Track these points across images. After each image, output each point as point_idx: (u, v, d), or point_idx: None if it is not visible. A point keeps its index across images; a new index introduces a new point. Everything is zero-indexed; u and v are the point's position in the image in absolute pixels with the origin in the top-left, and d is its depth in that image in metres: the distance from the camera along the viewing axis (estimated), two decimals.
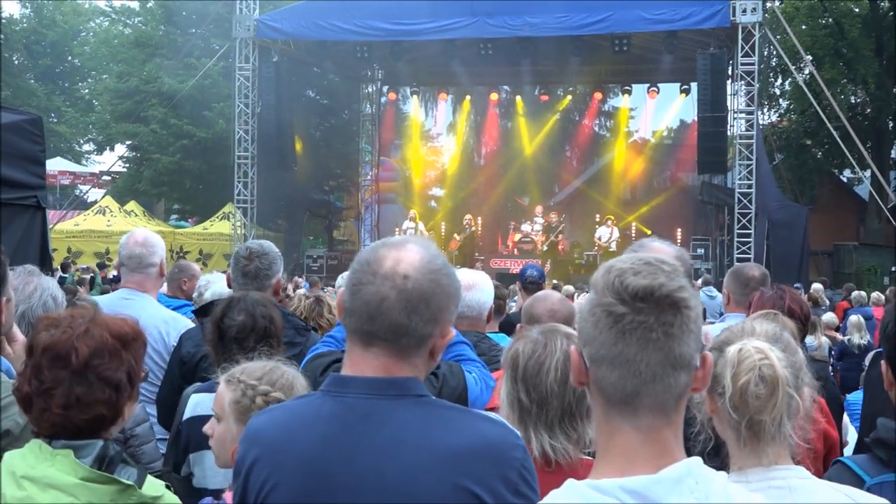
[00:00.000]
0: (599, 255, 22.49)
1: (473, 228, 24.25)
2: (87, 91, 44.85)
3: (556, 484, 1.51)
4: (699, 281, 16.18)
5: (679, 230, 24.36)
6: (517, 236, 23.92)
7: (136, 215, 26.09)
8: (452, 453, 1.66)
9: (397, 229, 25.59)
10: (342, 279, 7.19)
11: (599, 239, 22.86)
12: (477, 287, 3.71)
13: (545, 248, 22.71)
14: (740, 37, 19.48)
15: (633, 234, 24.20)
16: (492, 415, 1.86)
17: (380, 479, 1.67)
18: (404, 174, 30.45)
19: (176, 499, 2.16)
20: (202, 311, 4.01)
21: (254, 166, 22.21)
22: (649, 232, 24.47)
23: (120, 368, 2.10)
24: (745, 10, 19.32)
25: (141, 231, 4.76)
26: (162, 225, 27.68)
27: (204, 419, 3.02)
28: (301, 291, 5.21)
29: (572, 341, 2.32)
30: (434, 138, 33.57)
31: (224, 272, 5.08)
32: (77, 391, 2.05)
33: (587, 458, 2.31)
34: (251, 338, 3.20)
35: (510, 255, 23.59)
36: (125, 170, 30.59)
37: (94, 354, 2.07)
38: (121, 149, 33.45)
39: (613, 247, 22.54)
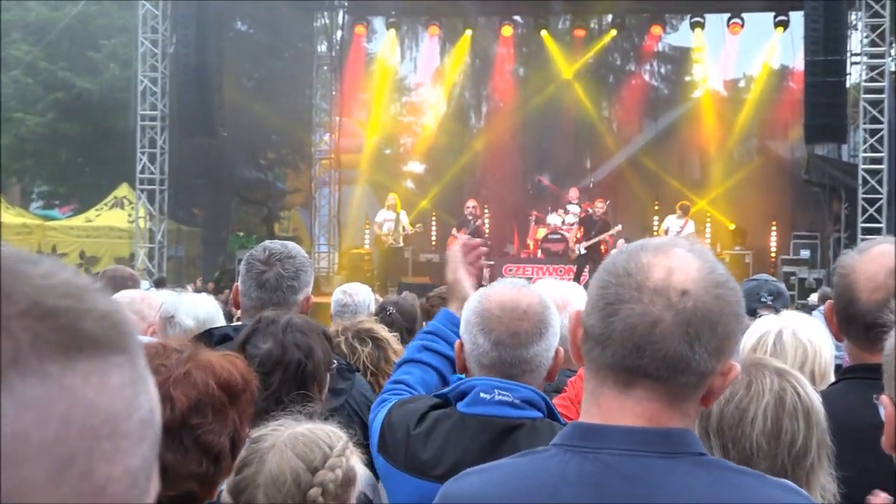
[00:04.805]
0: None
1: (479, 220, 24.20)
2: None
3: None
4: (814, 296, 16.28)
5: (774, 222, 24.40)
6: (541, 231, 23.87)
7: None
8: None
9: (369, 224, 25.56)
10: (343, 297, 7.18)
11: (666, 232, 22.78)
12: (572, 307, 3.74)
13: (583, 249, 22.46)
14: None
15: (709, 229, 24.21)
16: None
17: None
18: (370, 141, 30.35)
19: None
20: None
21: (164, 131, 22.20)
22: (732, 225, 24.52)
23: (224, 431, 2.15)
24: None
25: None
26: (25, 215, 27.54)
27: None
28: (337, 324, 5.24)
29: (786, 380, 2.45)
30: (413, 90, 33.48)
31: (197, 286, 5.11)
32: (167, 458, 2.05)
33: None
34: (277, 373, 3.26)
35: (531, 259, 23.53)
36: None
37: (194, 409, 2.12)
38: None
39: None
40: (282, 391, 3.26)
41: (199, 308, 5.03)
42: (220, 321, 4.79)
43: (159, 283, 17.05)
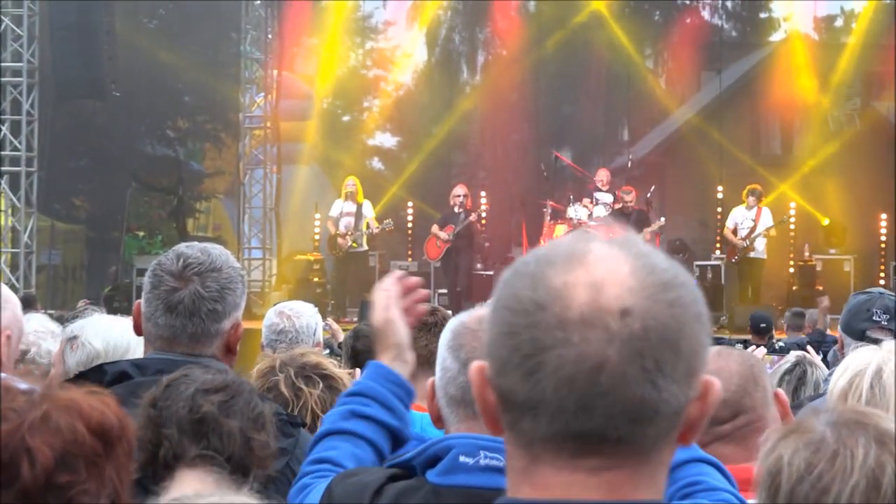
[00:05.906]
0: (723, 267, 22.66)
1: (473, 214, 24.27)
2: None
3: None
4: None
5: (884, 215, 24.50)
6: (560, 229, 23.94)
7: None
8: None
9: (318, 220, 25.58)
10: (280, 320, 7.22)
11: (735, 230, 22.91)
12: None
13: None
14: None
15: (791, 217, 24.23)
16: None
17: None
18: (321, 104, 30.35)
19: None
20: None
21: (32, 91, 22.31)
22: (825, 220, 24.60)
23: (102, 492, 2.17)
24: None
25: None
26: None
27: None
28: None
29: (888, 451, 2.42)
30: (381, 33, 33.55)
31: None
32: None
33: None
34: (192, 449, 3.32)
35: None
36: None
37: (61, 463, 2.12)
38: None
39: (761, 248, 22.54)
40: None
41: (114, 329, 5.01)
42: (139, 353, 4.57)
43: (26, 303, 16.95)
